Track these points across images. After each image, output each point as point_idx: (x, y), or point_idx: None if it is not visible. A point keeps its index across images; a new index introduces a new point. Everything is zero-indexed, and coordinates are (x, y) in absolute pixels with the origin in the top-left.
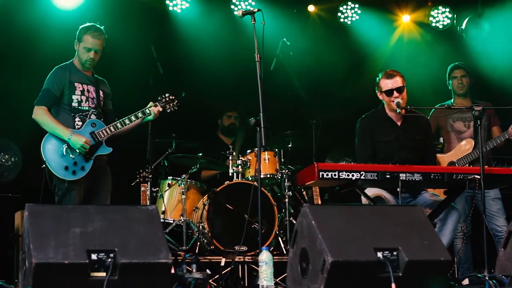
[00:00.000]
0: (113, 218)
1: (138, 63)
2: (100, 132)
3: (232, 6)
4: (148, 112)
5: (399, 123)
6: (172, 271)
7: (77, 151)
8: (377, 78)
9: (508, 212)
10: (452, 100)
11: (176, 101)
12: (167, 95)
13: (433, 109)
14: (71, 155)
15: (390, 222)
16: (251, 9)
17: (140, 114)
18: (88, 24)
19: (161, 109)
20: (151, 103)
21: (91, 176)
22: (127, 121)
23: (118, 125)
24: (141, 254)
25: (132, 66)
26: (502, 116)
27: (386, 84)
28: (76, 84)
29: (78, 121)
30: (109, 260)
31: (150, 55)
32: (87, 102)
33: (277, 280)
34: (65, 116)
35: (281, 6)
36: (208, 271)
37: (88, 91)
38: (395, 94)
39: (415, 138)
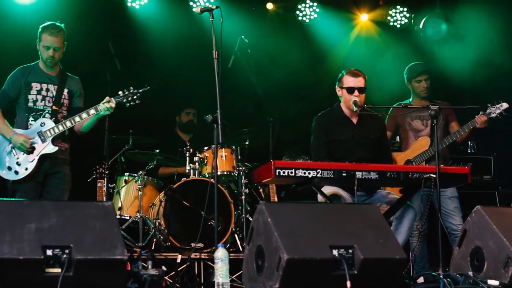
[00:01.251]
0: (69, 214)
1: (96, 59)
2: (48, 131)
3: (191, 3)
4: (100, 108)
5: (355, 122)
6: (128, 267)
7: (21, 151)
8: (340, 74)
9: (464, 210)
10: (410, 99)
11: (138, 95)
12: (130, 88)
13: (391, 108)
14: (15, 155)
15: (346, 220)
16: (210, 6)
17: (92, 111)
18: (47, 23)
19: (114, 105)
20: (106, 99)
21: (42, 176)
22: (77, 119)
23: (68, 123)
24: (96, 250)
25: (90, 61)
26: (458, 115)
27: (349, 81)
28: (33, 84)
29: (32, 120)
30: (65, 256)
31: (108, 51)
32: (43, 101)
33: (233, 277)
34: (22, 116)
35: (240, 3)
36: (164, 268)
37: (47, 90)
38: (356, 93)
39: (370, 137)
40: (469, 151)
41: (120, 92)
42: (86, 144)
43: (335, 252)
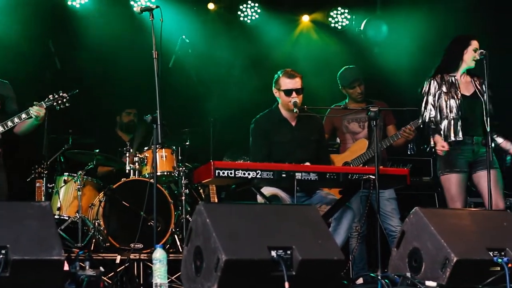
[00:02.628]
0: (5, 215)
1: (35, 58)
2: None
3: (132, 2)
4: (31, 112)
5: (293, 124)
6: (66, 268)
7: None
8: (276, 76)
9: (402, 212)
10: (347, 101)
11: (67, 98)
12: (60, 92)
13: (328, 110)
14: None
15: (284, 221)
16: (150, 5)
17: (23, 115)
18: None
19: (44, 109)
20: (35, 103)
21: None
22: (9, 123)
23: (0, 128)
24: (33, 250)
25: (30, 60)
26: (397, 116)
27: (286, 83)
28: None
29: None
30: (1, 256)
31: (48, 50)
32: None
33: (173, 278)
34: None
35: (181, 3)
36: (101, 268)
37: None
38: (294, 94)
39: (309, 139)
40: (408, 153)
41: (50, 96)
42: (24, 143)
43: (273, 253)
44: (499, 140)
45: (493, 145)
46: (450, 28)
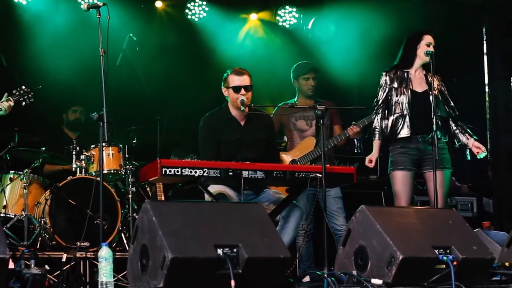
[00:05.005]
0: None
1: None
2: None
3: (79, 0)
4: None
5: (242, 123)
6: (11, 266)
7: None
8: (225, 74)
9: (349, 210)
10: (295, 99)
11: (31, 93)
12: (23, 87)
13: (276, 108)
14: None
15: (231, 219)
16: (97, 3)
17: None
18: None
19: (13, 103)
20: (5, 96)
21: None
22: None
23: None
24: None
25: None
26: (343, 115)
27: (235, 80)
28: None
29: None
30: None
31: None
32: None
33: (119, 276)
34: None
35: (128, 1)
36: (47, 267)
37: None
38: (242, 91)
39: (258, 137)
40: (355, 151)
41: (14, 91)
42: None
43: (219, 251)
44: (461, 137)
45: (457, 145)
46: (397, 27)
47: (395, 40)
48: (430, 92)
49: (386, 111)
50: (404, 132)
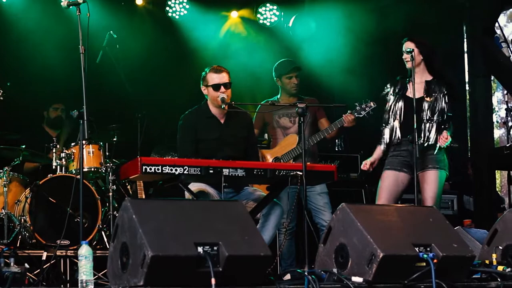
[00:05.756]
0: None
1: None
2: None
3: None
4: None
5: (222, 121)
6: None
7: None
8: (204, 73)
9: (331, 208)
10: (278, 96)
11: (1, 92)
12: None
13: (259, 106)
14: None
15: (211, 217)
16: (77, 0)
17: None
18: None
19: None
20: None
21: None
22: None
23: None
24: None
25: None
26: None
27: (213, 78)
28: None
29: None
30: None
31: None
32: None
33: (100, 274)
34: None
35: None
36: (26, 265)
37: None
38: (222, 89)
39: (238, 136)
40: (336, 149)
41: None
42: None
43: (200, 249)
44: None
45: (444, 145)
46: (377, 24)
47: (375, 37)
48: (425, 98)
49: (388, 119)
50: (397, 138)
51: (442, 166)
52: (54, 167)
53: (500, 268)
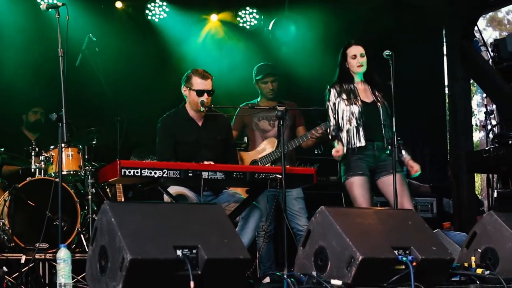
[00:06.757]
0: None
1: None
2: None
3: (39, 0)
4: None
5: (200, 123)
6: None
7: None
8: (187, 74)
9: (309, 211)
10: (258, 99)
11: None
12: None
13: (238, 109)
14: None
15: (190, 220)
16: (56, 3)
17: None
18: None
19: None
20: None
21: None
22: None
23: None
24: None
25: None
26: (305, 116)
27: (198, 83)
28: None
29: None
30: None
31: None
32: None
33: (79, 278)
34: None
35: (88, 1)
36: (5, 268)
37: None
38: (205, 96)
39: (216, 138)
40: (316, 152)
41: None
42: None
43: (179, 252)
44: (403, 153)
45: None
46: (357, 28)
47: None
48: (377, 102)
49: (340, 123)
50: (360, 142)
51: (404, 169)
52: (33, 170)
53: (479, 270)
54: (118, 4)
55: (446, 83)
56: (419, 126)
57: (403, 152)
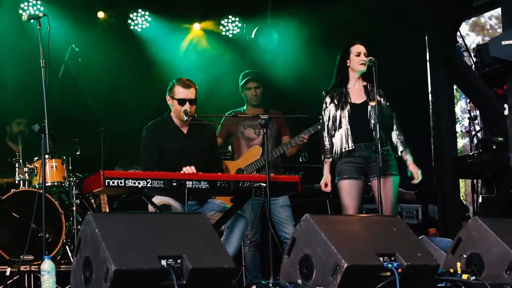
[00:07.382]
0: None
1: None
2: None
3: (21, 11)
4: None
5: (185, 132)
6: None
7: None
8: (171, 84)
9: (296, 219)
10: (245, 107)
11: None
12: None
13: (224, 117)
14: None
15: (175, 229)
16: (38, 13)
17: None
18: None
19: None
20: None
21: None
22: None
23: None
24: None
25: None
26: (290, 125)
27: (180, 92)
28: None
29: None
30: None
31: None
32: None
33: None
34: None
35: (70, 11)
36: None
37: None
38: (187, 104)
39: (201, 147)
40: (300, 160)
41: None
42: None
43: (163, 262)
44: (402, 154)
45: (398, 154)
46: (339, 35)
47: (337, 48)
48: (369, 103)
49: (333, 130)
50: (348, 146)
51: (397, 172)
52: (17, 182)
53: (464, 276)
54: (100, 14)
55: (429, 89)
56: (403, 131)
57: (400, 150)
